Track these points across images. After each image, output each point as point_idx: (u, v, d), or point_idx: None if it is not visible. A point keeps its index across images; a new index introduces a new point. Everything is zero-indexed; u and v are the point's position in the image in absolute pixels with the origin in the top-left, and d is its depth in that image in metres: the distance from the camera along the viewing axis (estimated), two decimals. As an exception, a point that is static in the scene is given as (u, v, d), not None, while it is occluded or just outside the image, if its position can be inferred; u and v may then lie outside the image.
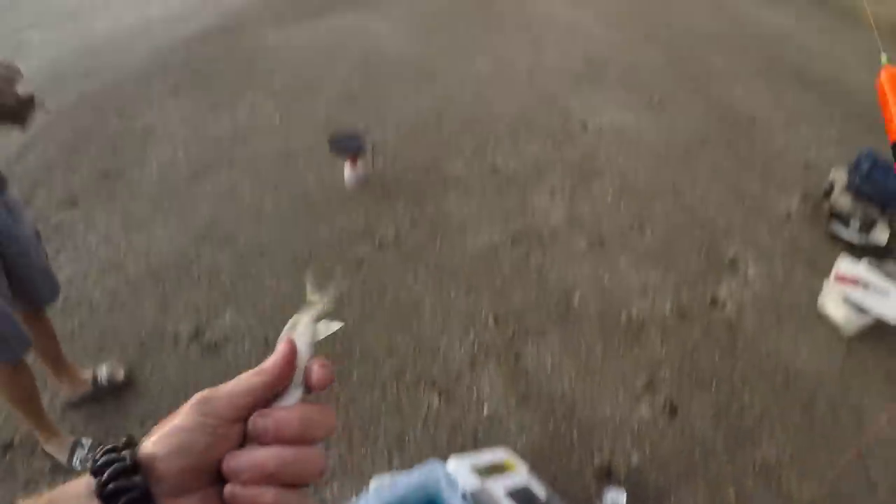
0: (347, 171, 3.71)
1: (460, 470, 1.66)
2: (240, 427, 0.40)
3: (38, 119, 1.89)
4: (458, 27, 6.97)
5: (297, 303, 0.47)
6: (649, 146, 4.43)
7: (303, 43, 6.23)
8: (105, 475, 0.37)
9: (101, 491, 0.36)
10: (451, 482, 1.62)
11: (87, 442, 2.27)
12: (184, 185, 3.90)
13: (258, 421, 0.40)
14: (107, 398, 2.40)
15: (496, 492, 1.68)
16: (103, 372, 2.48)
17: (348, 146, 3.70)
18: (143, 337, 2.66)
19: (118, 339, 2.64)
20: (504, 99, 4.99)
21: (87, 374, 2.45)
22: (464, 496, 1.55)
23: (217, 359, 2.52)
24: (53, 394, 2.44)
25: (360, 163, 3.72)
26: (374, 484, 1.84)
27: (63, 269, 3.10)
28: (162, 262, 3.16)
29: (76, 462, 2.23)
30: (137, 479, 0.36)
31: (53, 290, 2.25)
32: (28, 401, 2.18)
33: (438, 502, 1.60)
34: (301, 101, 4.96)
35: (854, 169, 3.49)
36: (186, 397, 0.40)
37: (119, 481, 0.36)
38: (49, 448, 2.26)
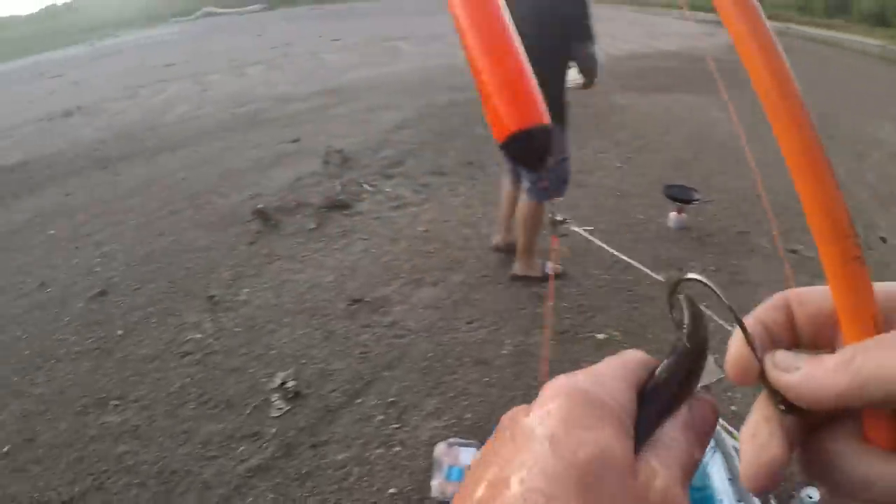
0: (673, 216, 4.04)
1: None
2: None
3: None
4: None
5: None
6: None
7: (645, 110, 6.75)
8: None
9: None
10: None
11: (551, 264, 3.02)
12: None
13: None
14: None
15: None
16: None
17: (679, 195, 4.03)
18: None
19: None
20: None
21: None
22: None
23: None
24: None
25: (684, 213, 4.03)
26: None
27: (426, 212, 3.96)
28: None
29: (545, 271, 3.17)
30: None
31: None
32: (537, 229, 3.14)
33: None
34: (639, 155, 5.43)
35: None
36: None
37: None
38: (527, 266, 3.25)
